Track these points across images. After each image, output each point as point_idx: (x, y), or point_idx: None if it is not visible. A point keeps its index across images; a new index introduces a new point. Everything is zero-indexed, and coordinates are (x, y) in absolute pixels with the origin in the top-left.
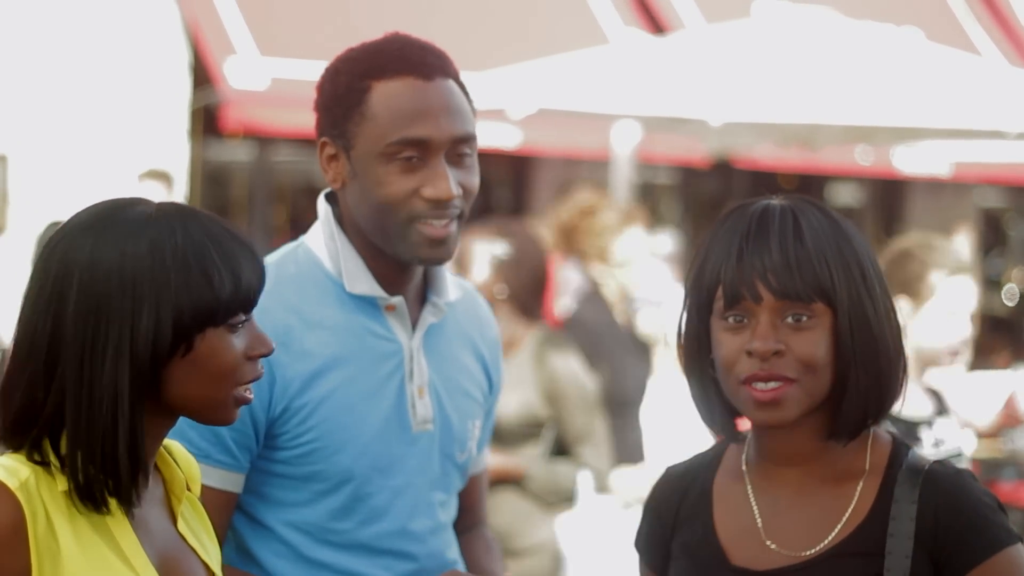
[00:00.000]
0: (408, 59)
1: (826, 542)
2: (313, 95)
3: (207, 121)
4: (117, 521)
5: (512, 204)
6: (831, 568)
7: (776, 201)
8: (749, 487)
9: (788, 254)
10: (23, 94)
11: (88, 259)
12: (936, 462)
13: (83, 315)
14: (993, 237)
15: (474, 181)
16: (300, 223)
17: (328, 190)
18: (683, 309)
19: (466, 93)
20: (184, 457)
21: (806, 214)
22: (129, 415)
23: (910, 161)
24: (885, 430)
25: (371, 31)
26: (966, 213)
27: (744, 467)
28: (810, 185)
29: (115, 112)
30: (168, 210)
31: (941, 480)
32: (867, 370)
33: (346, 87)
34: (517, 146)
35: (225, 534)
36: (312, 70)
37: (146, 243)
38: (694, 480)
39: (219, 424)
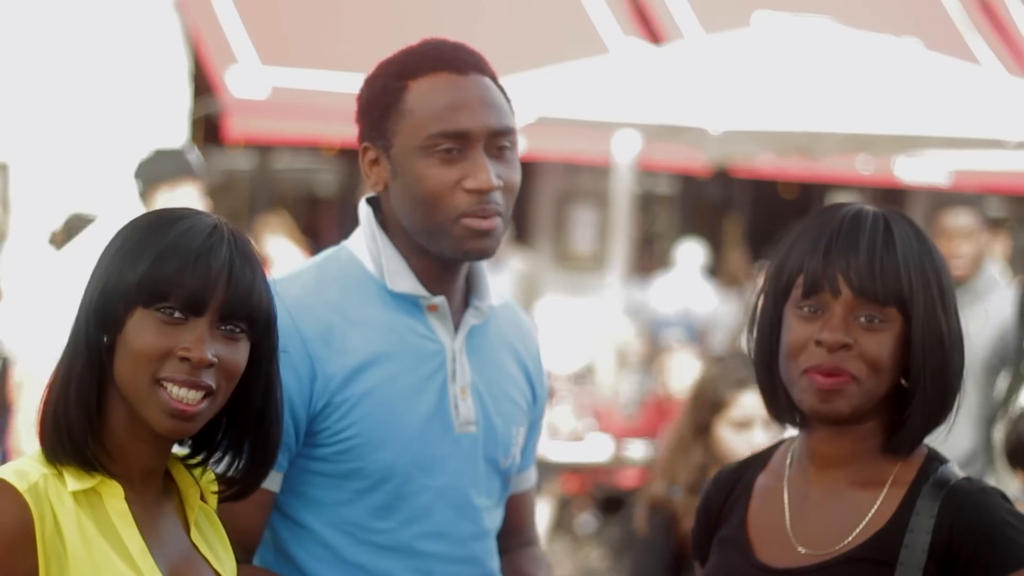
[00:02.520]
0: (442, 56)
1: (842, 545)
2: (313, 103)
3: (208, 130)
4: (125, 525)
5: (513, 212)
6: (843, 572)
7: (869, 207)
8: (785, 485)
9: (874, 256)
10: (24, 102)
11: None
12: (964, 478)
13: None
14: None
15: (515, 177)
16: (302, 231)
17: (370, 195)
18: (758, 297)
19: (503, 91)
20: (206, 472)
21: (897, 223)
22: (77, 384)
23: (910, 170)
24: (924, 443)
25: (372, 40)
26: None
27: (787, 466)
28: (811, 194)
29: (116, 121)
30: (190, 213)
31: (962, 496)
32: (935, 382)
33: (382, 89)
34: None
35: (261, 534)
36: (313, 79)
37: (125, 229)
38: (740, 478)
39: (150, 424)
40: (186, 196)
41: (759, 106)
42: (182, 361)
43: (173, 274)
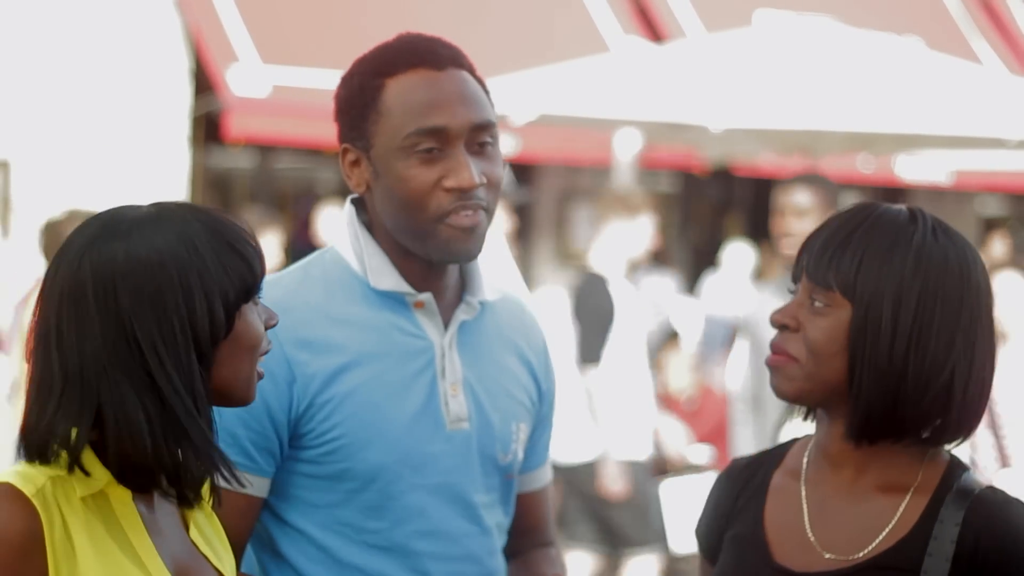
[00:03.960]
0: (418, 52)
1: (865, 551)
2: (314, 102)
3: (208, 128)
4: (133, 527)
5: (514, 210)
6: None
7: (881, 205)
8: (803, 485)
9: (830, 243)
10: (25, 100)
11: (125, 263)
12: (988, 487)
13: (143, 316)
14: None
15: (498, 172)
16: (301, 231)
17: (355, 195)
18: None
19: (482, 84)
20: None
21: (884, 217)
22: (205, 406)
23: (911, 169)
24: (945, 451)
25: (373, 38)
26: (967, 221)
27: (804, 466)
28: None
29: (117, 119)
30: (167, 205)
31: (988, 506)
32: (873, 375)
33: (360, 87)
34: (518, 153)
35: (247, 539)
36: (314, 78)
37: (173, 235)
38: (754, 474)
39: (243, 403)
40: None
41: (760, 105)
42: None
43: (254, 262)
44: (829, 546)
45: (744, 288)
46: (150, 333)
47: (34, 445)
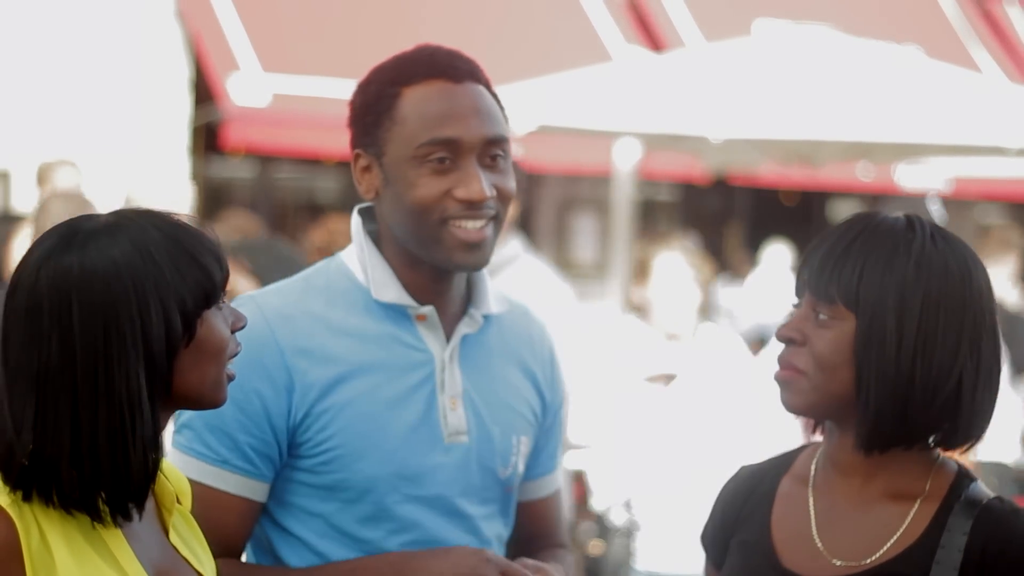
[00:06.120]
0: (437, 64)
1: (873, 558)
2: (314, 111)
3: (208, 138)
4: (111, 533)
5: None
6: None
7: (881, 214)
8: (811, 492)
9: (830, 256)
10: (25, 110)
11: (80, 275)
12: (996, 498)
13: (91, 329)
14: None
15: (509, 184)
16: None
17: (362, 205)
18: None
19: (497, 100)
20: (173, 472)
21: (882, 227)
22: (151, 418)
23: (911, 177)
24: (953, 460)
25: (374, 48)
26: (967, 230)
27: (812, 472)
28: (811, 202)
29: (117, 129)
30: (126, 213)
31: (995, 516)
32: (881, 386)
33: (376, 95)
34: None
35: (245, 541)
36: (314, 86)
37: (128, 245)
38: (761, 481)
39: (214, 406)
40: None
41: (760, 114)
42: (233, 335)
43: (213, 268)
44: (836, 552)
45: (784, 289)
46: (95, 347)
47: (1, 459)
